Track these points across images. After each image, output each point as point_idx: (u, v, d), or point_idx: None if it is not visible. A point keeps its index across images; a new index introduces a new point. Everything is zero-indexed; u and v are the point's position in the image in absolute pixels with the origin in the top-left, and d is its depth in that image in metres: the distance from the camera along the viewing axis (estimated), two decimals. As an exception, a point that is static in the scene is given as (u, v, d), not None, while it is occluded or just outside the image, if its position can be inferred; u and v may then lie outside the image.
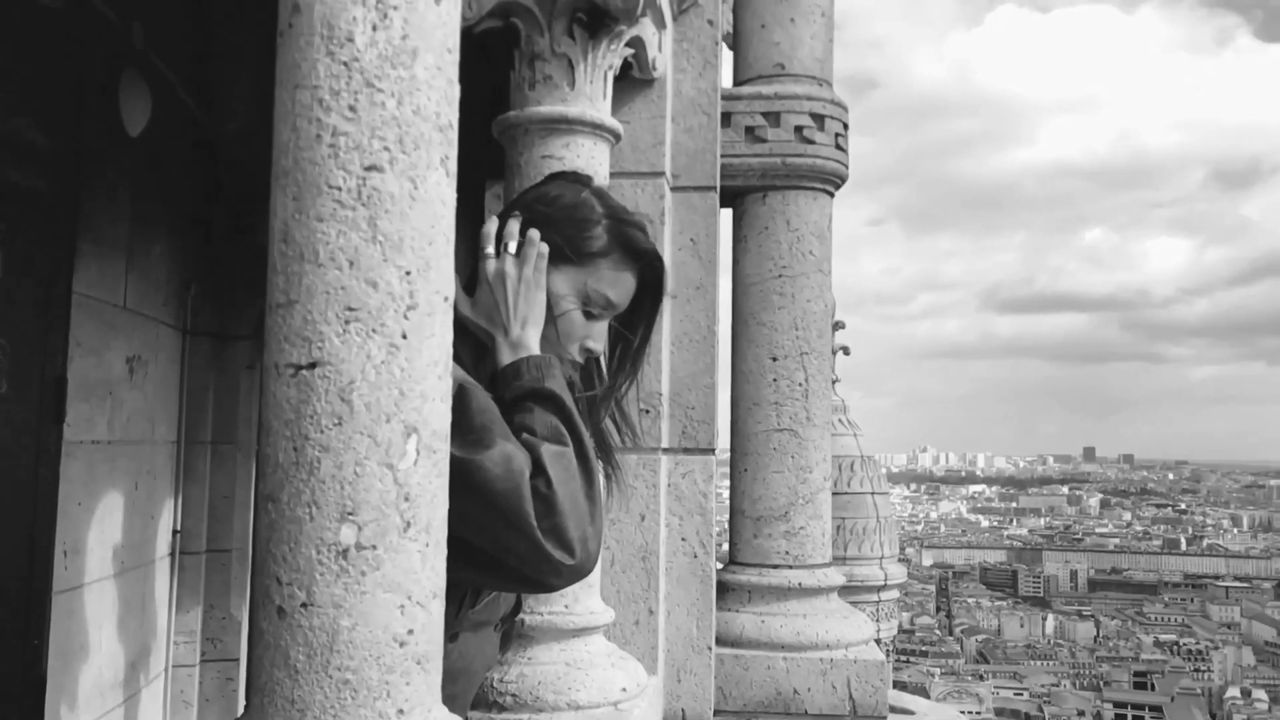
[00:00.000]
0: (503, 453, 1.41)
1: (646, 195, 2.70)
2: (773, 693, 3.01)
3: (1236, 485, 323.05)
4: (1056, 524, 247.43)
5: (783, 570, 3.13)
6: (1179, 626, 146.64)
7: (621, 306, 1.67)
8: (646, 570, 2.67)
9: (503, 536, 1.40)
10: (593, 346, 1.65)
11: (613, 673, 2.24)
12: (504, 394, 1.51)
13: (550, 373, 1.53)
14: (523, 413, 1.48)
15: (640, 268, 1.67)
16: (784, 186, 3.19)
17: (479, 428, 1.42)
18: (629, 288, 1.66)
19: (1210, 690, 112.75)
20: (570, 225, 1.63)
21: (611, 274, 1.63)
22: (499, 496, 1.38)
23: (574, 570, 1.43)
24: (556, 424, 1.48)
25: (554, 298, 1.62)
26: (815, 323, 3.18)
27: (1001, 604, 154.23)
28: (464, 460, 1.38)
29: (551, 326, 1.62)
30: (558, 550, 1.40)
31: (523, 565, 1.42)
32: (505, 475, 1.39)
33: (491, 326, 1.57)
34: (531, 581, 1.47)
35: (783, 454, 3.15)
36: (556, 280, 1.62)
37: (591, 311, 1.64)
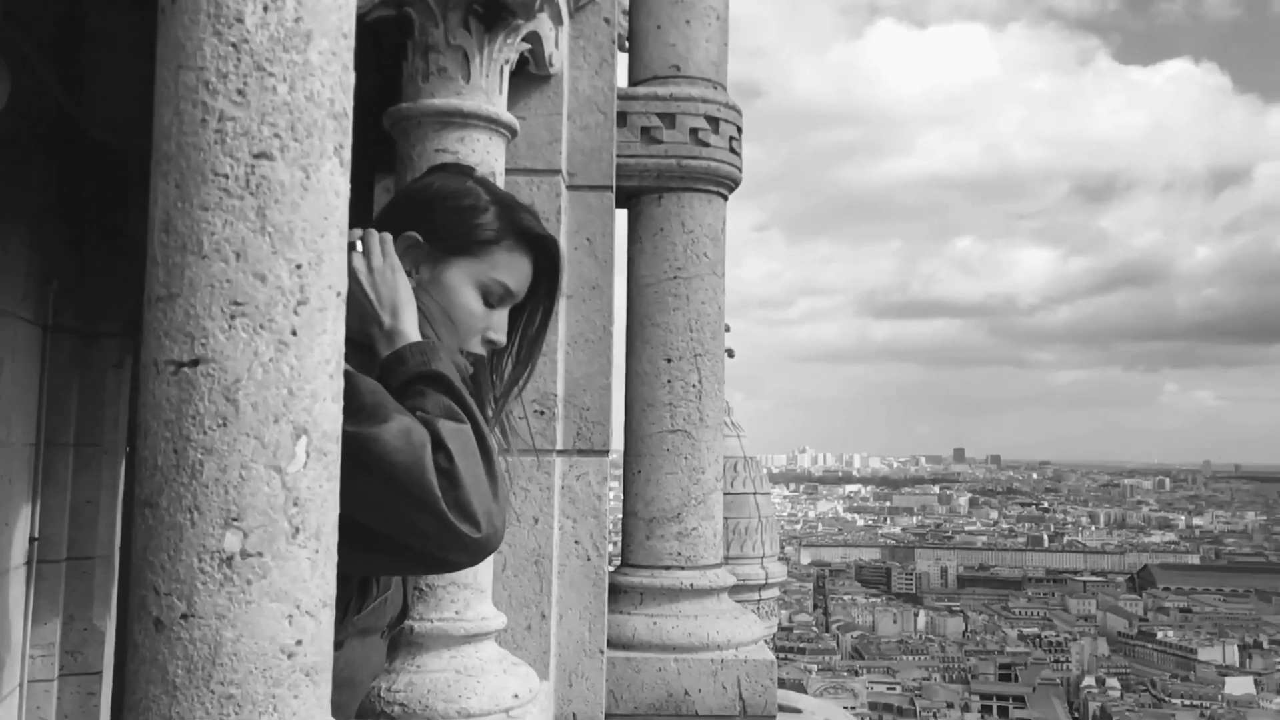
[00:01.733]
0: (401, 426, 1.37)
1: (542, 193, 2.66)
2: (664, 694, 3.00)
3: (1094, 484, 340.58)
4: (928, 522, 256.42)
5: (675, 572, 3.13)
6: (1041, 620, 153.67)
7: (520, 294, 1.64)
8: (539, 574, 2.63)
9: (406, 513, 1.35)
10: (495, 337, 1.62)
11: (505, 679, 2.20)
12: (391, 382, 1.46)
13: (435, 356, 1.50)
14: (413, 396, 1.45)
15: (535, 253, 1.64)
16: (679, 188, 3.20)
17: (371, 405, 1.38)
18: (526, 274, 1.64)
19: (1068, 680, 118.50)
20: (457, 215, 1.61)
21: (507, 260, 1.60)
22: (400, 469, 1.34)
23: (481, 544, 1.39)
24: (449, 404, 1.45)
25: (451, 291, 1.58)
26: (709, 324, 3.19)
27: (876, 601, 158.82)
28: (360, 434, 1.33)
29: (453, 322, 1.58)
30: (464, 524, 1.36)
31: (427, 543, 1.37)
32: (406, 447, 1.35)
33: (365, 325, 1.53)
34: (437, 560, 1.44)
35: (676, 455, 3.15)
36: (452, 274, 1.59)
37: (491, 301, 1.61)
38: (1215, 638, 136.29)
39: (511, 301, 1.64)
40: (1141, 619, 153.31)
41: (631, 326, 3.23)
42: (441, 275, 1.59)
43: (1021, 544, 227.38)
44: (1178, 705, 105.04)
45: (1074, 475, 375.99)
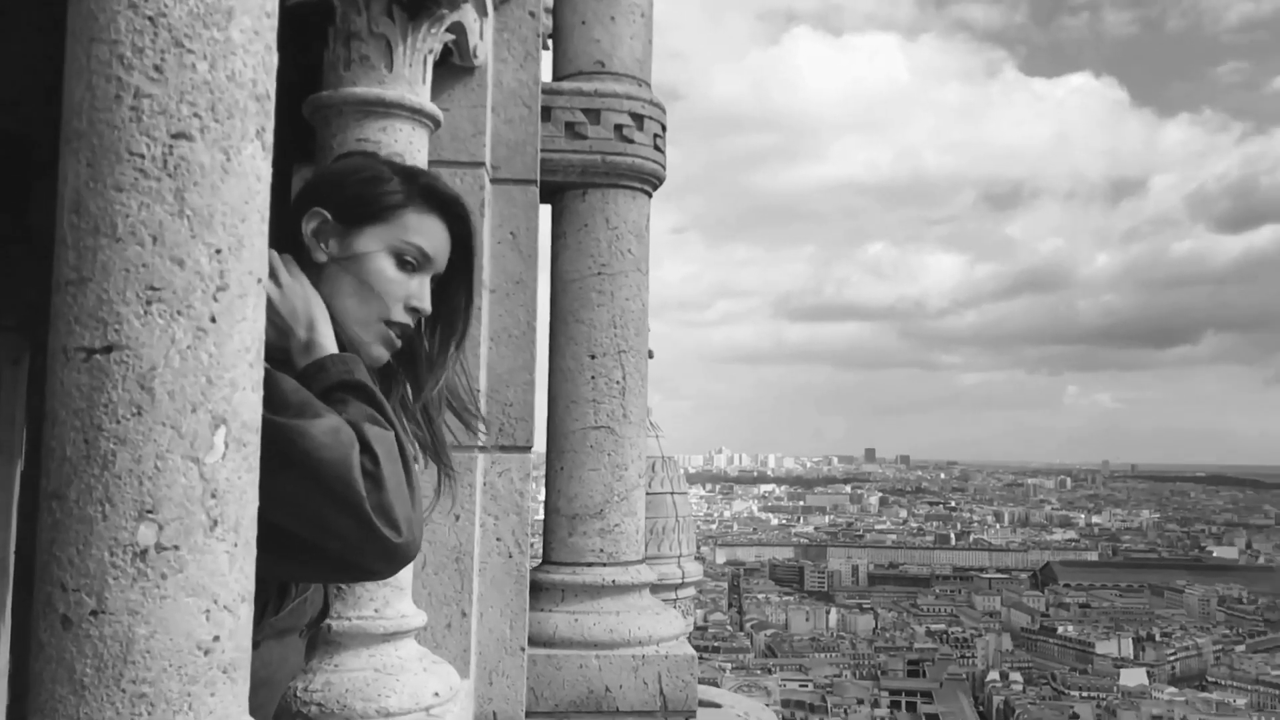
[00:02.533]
0: (329, 424, 1.33)
1: (466, 186, 2.63)
2: (585, 692, 2.99)
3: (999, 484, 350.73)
4: (840, 521, 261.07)
5: (597, 568, 3.12)
6: (948, 616, 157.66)
7: (439, 259, 1.60)
8: (460, 571, 2.60)
9: (326, 514, 1.31)
10: (418, 304, 1.57)
11: (425, 678, 2.16)
12: (311, 389, 1.43)
13: (356, 367, 1.48)
14: (334, 404, 1.41)
15: (448, 219, 1.62)
16: (604, 184, 3.19)
17: (298, 403, 1.34)
18: (441, 238, 1.61)
19: (974, 675, 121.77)
20: (363, 185, 1.59)
21: (417, 223, 1.58)
22: (326, 466, 1.30)
23: (401, 551, 1.37)
24: (371, 412, 1.42)
25: (364, 259, 1.55)
26: (633, 321, 3.19)
27: (789, 599, 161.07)
28: (287, 426, 1.30)
29: (372, 291, 1.55)
30: (386, 528, 1.33)
31: (346, 548, 1.34)
32: (334, 444, 1.31)
33: (281, 340, 1.50)
34: (355, 567, 1.40)
35: (599, 452, 3.14)
36: (363, 241, 1.56)
37: (409, 264, 1.57)
38: (1112, 631, 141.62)
39: (431, 268, 1.60)
40: (1043, 614, 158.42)
41: (555, 322, 3.21)
42: (352, 245, 1.57)
43: (930, 542, 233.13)
44: (1076, 697, 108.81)
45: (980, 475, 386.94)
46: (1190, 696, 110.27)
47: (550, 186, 3.11)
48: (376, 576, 1.51)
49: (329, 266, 1.57)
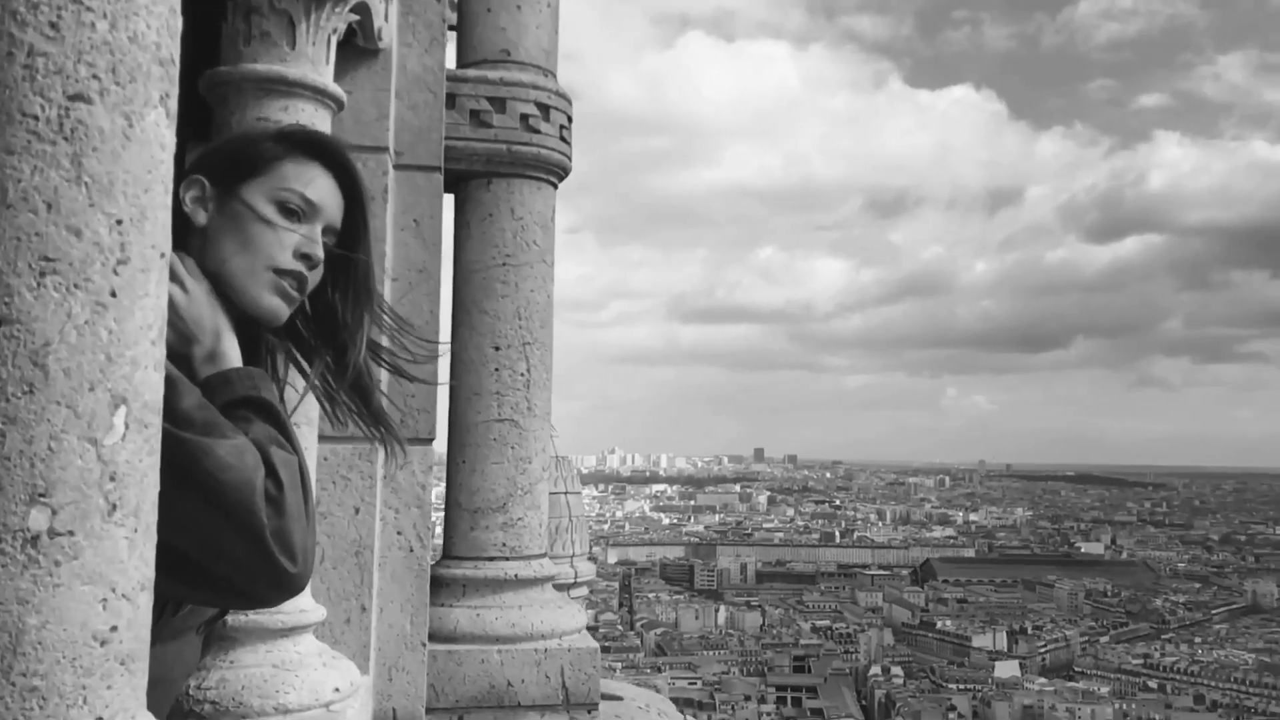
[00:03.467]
0: (235, 444, 1.28)
1: (369, 171, 2.56)
2: (486, 687, 2.95)
3: (882, 483, 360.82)
4: (730, 520, 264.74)
5: (499, 562, 3.08)
6: (833, 613, 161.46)
7: (328, 208, 1.55)
8: (360, 566, 2.53)
9: (223, 538, 1.26)
10: (310, 251, 1.51)
11: (325, 673, 2.10)
12: (214, 402, 1.38)
13: (264, 384, 1.44)
14: (238, 421, 1.36)
15: (332, 168, 1.56)
16: (509, 174, 3.15)
17: (203, 421, 1.29)
18: (327, 186, 1.55)
19: (857, 669, 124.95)
20: (239, 145, 1.56)
21: (296, 171, 1.53)
22: (229, 489, 1.25)
23: (295, 581, 1.32)
24: (275, 434, 1.37)
25: (243, 213, 1.50)
26: (538, 313, 3.16)
27: (679, 598, 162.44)
28: (191, 443, 1.24)
29: (255, 240, 1.49)
30: (284, 556, 1.28)
31: (236, 574, 1.28)
32: (239, 466, 1.26)
33: (184, 346, 1.44)
34: (242, 594, 1.35)
35: (503, 445, 3.10)
36: (243, 195, 1.51)
37: (293, 211, 1.51)
38: (987, 625, 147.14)
39: (321, 217, 1.54)
40: (923, 610, 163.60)
41: (457, 314, 3.16)
42: (231, 202, 1.51)
43: (816, 540, 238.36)
44: (954, 690, 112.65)
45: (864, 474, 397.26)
46: (1059, 686, 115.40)
47: (454, 175, 3.06)
48: (263, 605, 1.46)
49: (211, 227, 1.51)
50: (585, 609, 8.76)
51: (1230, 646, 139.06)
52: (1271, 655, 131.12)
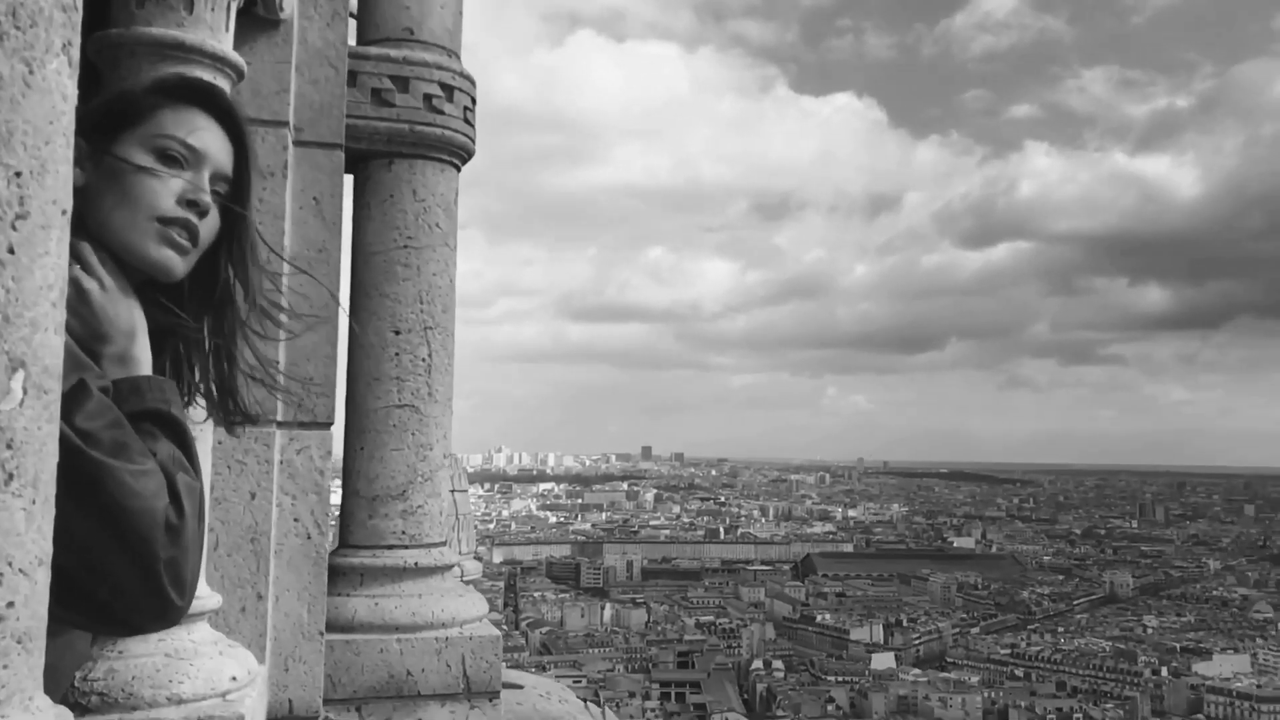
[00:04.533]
0: (145, 471, 1.22)
1: (268, 145, 2.48)
2: (385, 676, 2.88)
3: (765, 480, 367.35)
4: (616, 518, 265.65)
5: (399, 551, 3.01)
6: (716, 608, 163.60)
7: (213, 155, 1.48)
8: (256, 552, 2.45)
9: (112, 563, 1.20)
10: (197, 199, 1.44)
11: (221, 661, 2.02)
12: (121, 408, 1.31)
13: (174, 398, 1.38)
14: (143, 434, 1.30)
15: (214, 113, 1.50)
16: (411, 155, 3.08)
17: (111, 441, 1.22)
18: (212, 132, 1.49)
19: (739, 664, 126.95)
20: (113, 98, 1.49)
21: (174, 118, 1.47)
22: (130, 516, 1.19)
23: (177, 614, 1.27)
24: (180, 456, 1.32)
25: (120, 166, 1.43)
26: (441, 297, 3.10)
27: (565, 596, 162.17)
28: (98, 463, 1.17)
29: (135, 191, 1.42)
30: (173, 589, 1.23)
31: (118, 600, 1.22)
32: (144, 493, 1.20)
33: (94, 344, 1.36)
34: (119, 621, 1.29)
35: (403, 431, 3.03)
36: (119, 150, 1.44)
37: (174, 159, 1.45)
38: (865, 619, 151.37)
39: (207, 164, 1.47)
40: (803, 604, 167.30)
41: (356, 297, 3.08)
42: (105, 157, 1.44)
43: (700, 536, 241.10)
44: (833, 682, 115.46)
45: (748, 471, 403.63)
46: (932, 677, 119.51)
47: (354, 155, 2.98)
48: (135, 633, 1.41)
49: (89, 188, 1.44)
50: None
51: (1090, 635, 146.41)
52: (1127, 642, 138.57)
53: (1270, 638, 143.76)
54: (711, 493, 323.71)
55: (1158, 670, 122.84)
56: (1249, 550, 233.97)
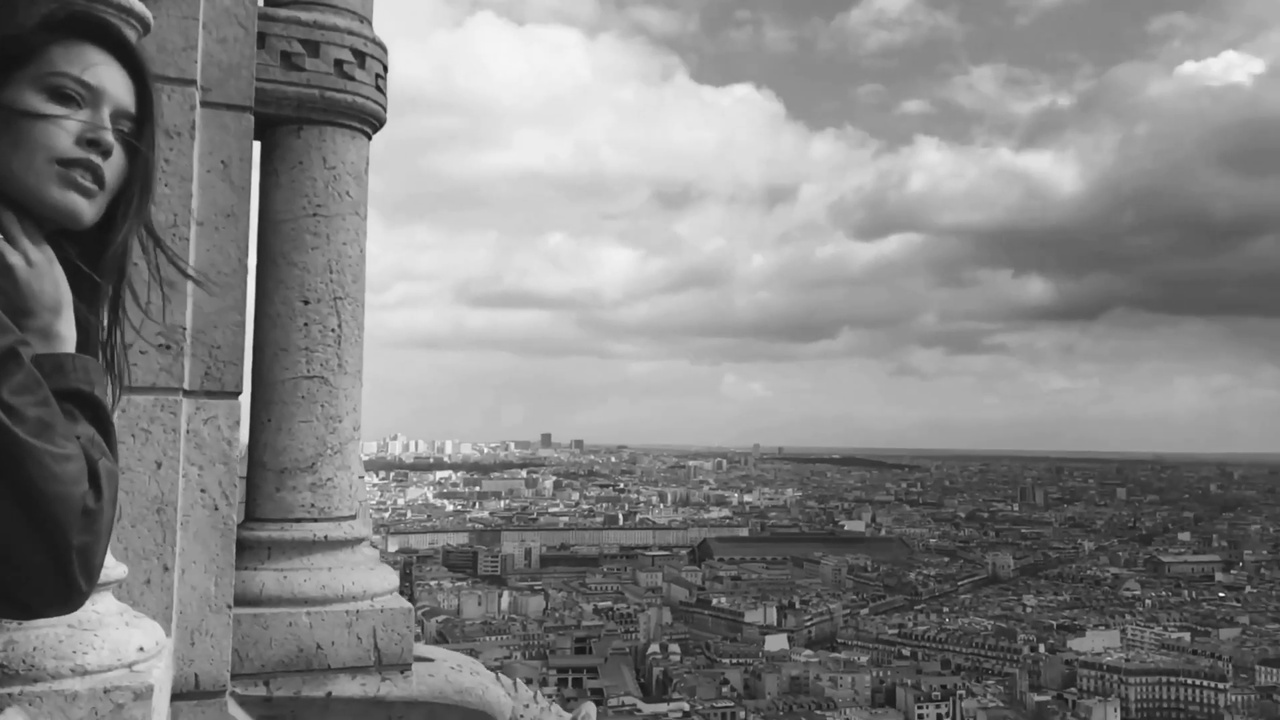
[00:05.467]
0: (67, 455, 1.18)
1: (174, 104, 2.40)
2: (295, 650, 2.83)
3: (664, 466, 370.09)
4: (515, 506, 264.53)
5: (307, 524, 2.96)
6: (614, 594, 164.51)
7: (113, 91, 1.41)
8: (162, 523, 2.38)
9: (21, 546, 1.16)
10: (98, 138, 1.37)
11: (128, 632, 1.96)
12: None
13: (98, 378, 1.34)
14: (63, 413, 1.26)
15: (110, 48, 1.43)
16: (322, 121, 3.01)
17: (36, 419, 1.17)
18: (110, 72, 1.42)
19: (636, 648, 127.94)
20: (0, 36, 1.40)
21: (65, 54, 1.39)
22: (47, 501, 1.15)
23: (81, 600, 1.24)
24: (100, 440, 1.28)
25: (15, 112, 1.35)
26: (351, 267, 3.05)
27: (462, 584, 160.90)
28: (20, 442, 1.14)
29: (29, 132, 1.35)
30: (82, 575, 1.20)
31: (21, 584, 1.19)
32: (64, 478, 1.17)
33: (17, 319, 1.31)
34: (18, 606, 1.24)
35: (312, 402, 2.98)
36: (10, 92, 1.36)
37: (70, 97, 1.38)
38: (759, 601, 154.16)
39: (106, 101, 1.40)
40: (700, 588, 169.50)
41: (264, 265, 3.00)
42: (8, 95, 1.37)
43: (599, 523, 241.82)
44: (727, 664, 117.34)
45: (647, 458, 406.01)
46: (823, 657, 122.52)
47: (262, 119, 2.89)
48: (33, 617, 1.37)
49: None
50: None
51: (973, 614, 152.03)
52: (1007, 621, 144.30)
53: (1138, 614, 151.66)
54: (610, 479, 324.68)
55: (1035, 647, 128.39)
56: (1120, 531, 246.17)
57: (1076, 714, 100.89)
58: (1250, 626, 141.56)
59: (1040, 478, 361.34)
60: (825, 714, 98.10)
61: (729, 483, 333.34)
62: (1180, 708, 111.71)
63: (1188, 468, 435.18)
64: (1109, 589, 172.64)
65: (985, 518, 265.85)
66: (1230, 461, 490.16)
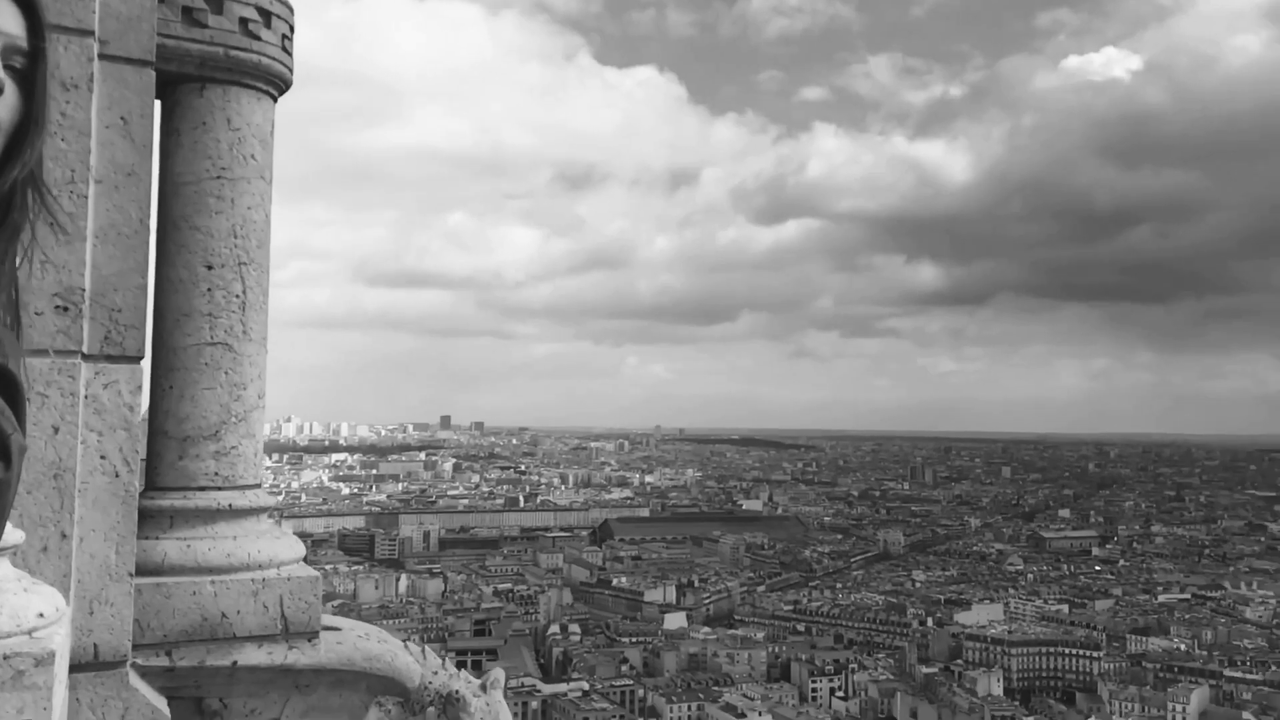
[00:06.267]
0: None
1: (71, 56, 2.31)
2: (198, 619, 2.78)
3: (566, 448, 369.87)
4: (413, 488, 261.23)
5: (211, 492, 2.90)
6: (514, 575, 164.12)
7: (1, 26, 1.36)
8: (59, 490, 2.31)
9: None
10: None
11: (27, 598, 1.90)
12: None
13: (13, 353, 1.32)
14: None
15: None
16: (226, 80, 2.93)
17: None
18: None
19: (536, 629, 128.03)
20: None
21: None
22: None
23: None
24: (9, 412, 1.25)
25: None
26: (256, 232, 2.98)
27: (359, 568, 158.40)
28: None
29: None
30: None
31: None
32: None
33: None
34: None
35: (215, 369, 2.91)
36: None
37: None
38: (659, 581, 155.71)
39: None
40: (600, 569, 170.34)
41: (165, 228, 2.92)
42: None
43: (500, 505, 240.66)
44: (627, 643, 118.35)
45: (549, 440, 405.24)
46: (720, 634, 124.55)
47: (164, 77, 2.80)
48: None
49: None
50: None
51: (865, 590, 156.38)
52: (897, 596, 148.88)
53: (1020, 588, 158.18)
54: (512, 461, 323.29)
55: (924, 621, 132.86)
56: (1005, 509, 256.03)
57: (962, 685, 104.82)
58: (1123, 598, 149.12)
59: (930, 457, 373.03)
60: (722, 690, 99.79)
61: (630, 464, 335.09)
62: (1058, 676, 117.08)
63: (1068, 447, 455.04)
64: (994, 564, 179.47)
65: (877, 496, 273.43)
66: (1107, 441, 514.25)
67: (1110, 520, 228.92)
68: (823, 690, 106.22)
